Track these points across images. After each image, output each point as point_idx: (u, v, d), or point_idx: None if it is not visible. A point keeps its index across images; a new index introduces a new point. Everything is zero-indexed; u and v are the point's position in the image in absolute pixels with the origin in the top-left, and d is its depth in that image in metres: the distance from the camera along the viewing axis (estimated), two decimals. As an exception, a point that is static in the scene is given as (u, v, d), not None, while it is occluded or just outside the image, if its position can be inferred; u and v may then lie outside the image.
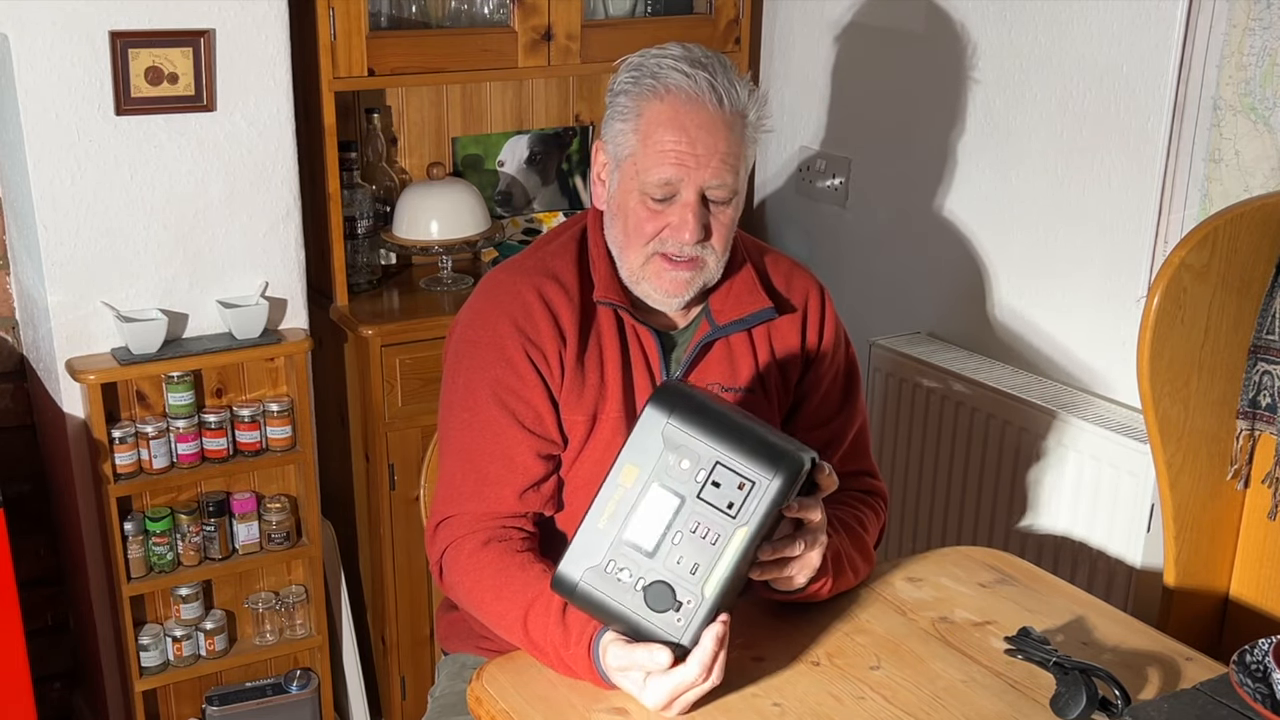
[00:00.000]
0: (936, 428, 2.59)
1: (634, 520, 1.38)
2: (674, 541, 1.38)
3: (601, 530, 1.39)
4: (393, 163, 2.85)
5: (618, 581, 1.38)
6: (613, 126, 1.62)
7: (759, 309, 1.68)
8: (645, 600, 1.38)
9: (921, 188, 2.75)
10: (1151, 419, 1.89)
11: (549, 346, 1.63)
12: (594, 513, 1.39)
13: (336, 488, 2.77)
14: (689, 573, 1.37)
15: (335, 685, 2.74)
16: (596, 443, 1.65)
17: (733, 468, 1.37)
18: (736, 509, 1.37)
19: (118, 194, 2.33)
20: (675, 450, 1.38)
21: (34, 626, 2.61)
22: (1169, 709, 1.36)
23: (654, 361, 1.67)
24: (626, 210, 1.61)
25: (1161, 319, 1.84)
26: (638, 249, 1.61)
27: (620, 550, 1.38)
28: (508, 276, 1.68)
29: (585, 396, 1.64)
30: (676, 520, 1.38)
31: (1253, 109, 2.12)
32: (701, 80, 1.55)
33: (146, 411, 2.43)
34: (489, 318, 1.65)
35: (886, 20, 2.77)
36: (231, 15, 2.33)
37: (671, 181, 1.57)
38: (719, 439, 1.37)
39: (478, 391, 1.64)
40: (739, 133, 1.59)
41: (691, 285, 1.63)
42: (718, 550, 1.37)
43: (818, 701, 1.43)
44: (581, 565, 1.39)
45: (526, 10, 2.61)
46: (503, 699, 1.45)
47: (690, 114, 1.55)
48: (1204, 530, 1.98)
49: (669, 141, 1.56)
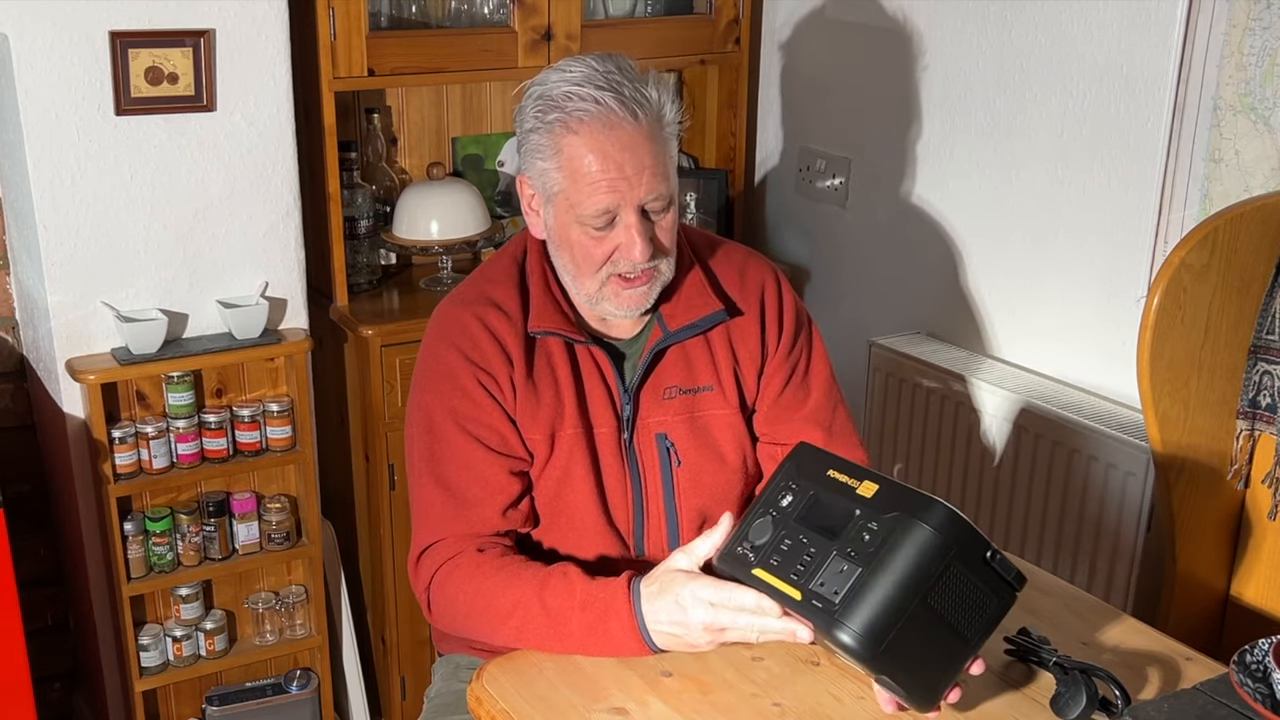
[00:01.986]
0: (936, 428, 2.59)
1: (826, 500, 1.39)
2: (801, 537, 1.38)
3: (824, 476, 1.41)
4: (393, 163, 2.85)
5: (781, 493, 1.43)
6: (534, 165, 1.59)
7: (710, 313, 1.68)
8: (755, 519, 1.42)
9: (921, 188, 2.75)
10: (1151, 419, 1.89)
11: (498, 370, 1.63)
12: (841, 465, 1.41)
13: (336, 488, 2.77)
14: (773, 557, 1.39)
15: (335, 685, 2.74)
16: (557, 459, 1.65)
17: (854, 584, 1.31)
18: (815, 591, 1.34)
19: (118, 194, 2.33)
20: (881, 526, 1.32)
21: (34, 626, 2.61)
22: (1169, 709, 1.36)
23: (609, 374, 1.67)
24: (570, 242, 1.60)
25: (1161, 319, 1.84)
26: (590, 275, 1.61)
27: (803, 494, 1.41)
28: (451, 307, 1.69)
29: (541, 415, 1.64)
30: (818, 537, 1.37)
31: (1253, 109, 2.12)
32: (610, 101, 1.52)
33: (146, 411, 2.43)
34: (438, 350, 1.67)
35: (886, 20, 2.77)
36: (231, 15, 2.33)
37: (609, 209, 1.55)
38: (885, 572, 1.30)
39: (442, 423, 1.64)
40: (659, 138, 1.56)
41: (650, 295, 1.64)
42: (785, 577, 1.37)
43: (818, 701, 1.43)
44: (803, 463, 1.44)
45: (526, 10, 2.61)
46: (503, 699, 1.45)
47: (609, 138, 1.53)
48: (1204, 530, 1.98)
49: (596, 172, 1.54)
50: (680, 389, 1.68)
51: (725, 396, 1.70)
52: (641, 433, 1.68)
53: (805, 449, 1.47)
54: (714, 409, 1.70)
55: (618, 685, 1.46)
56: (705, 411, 1.70)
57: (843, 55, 2.90)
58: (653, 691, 1.44)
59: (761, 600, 1.39)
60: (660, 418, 1.68)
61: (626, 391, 1.67)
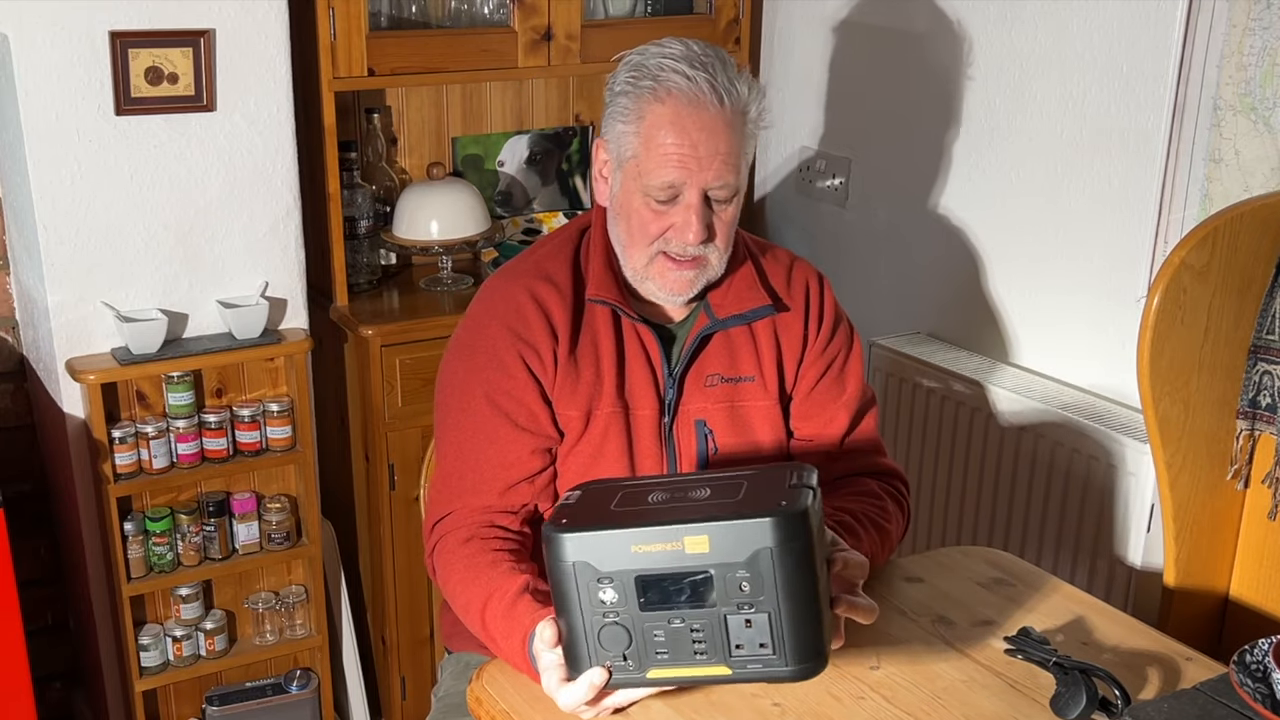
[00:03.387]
0: (936, 428, 2.59)
1: (661, 576, 1.31)
2: (669, 620, 1.32)
3: (630, 553, 1.31)
4: (393, 163, 2.85)
5: (598, 597, 1.32)
6: (614, 127, 1.62)
7: (758, 306, 1.69)
8: (600, 630, 1.33)
9: (921, 188, 2.75)
10: (1151, 419, 1.89)
11: (542, 344, 1.64)
12: (638, 533, 1.32)
13: (336, 488, 2.77)
14: (655, 649, 1.33)
15: (335, 685, 2.74)
16: (590, 438, 1.66)
17: (774, 628, 1.30)
18: (740, 654, 1.32)
19: (118, 194, 2.33)
20: (750, 571, 1.29)
21: (34, 626, 2.60)
22: (1169, 709, 1.36)
23: (654, 356, 1.68)
24: (630, 210, 1.63)
25: (1161, 319, 1.84)
26: (642, 248, 1.63)
27: (626, 581, 1.32)
28: (501, 281, 1.71)
29: (579, 392, 1.65)
30: (690, 610, 1.31)
31: (1253, 109, 2.12)
32: (702, 81, 1.56)
33: (146, 411, 2.43)
34: (482, 322, 1.68)
35: (886, 20, 2.77)
36: (231, 15, 2.33)
37: (674, 184, 1.58)
38: (790, 600, 1.30)
39: (472, 394, 1.66)
40: (739, 131, 1.59)
41: (695, 284, 1.65)
42: (693, 661, 1.33)
43: (818, 701, 1.43)
44: (585, 555, 1.32)
45: (526, 10, 2.61)
46: (503, 699, 1.45)
47: (691, 116, 1.56)
48: (1204, 530, 1.98)
49: (671, 144, 1.56)
50: (722, 377, 1.70)
51: (766, 388, 1.71)
52: (681, 418, 1.69)
53: (555, 539, 1.33)
54: (754, 400, 1.71)
55: (618, 685, 1.45)
56: (745, 401, 1.71)
57: (843, 55, 2.90)
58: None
59: (575, 692, 1.35)
60: (701, 404, 1.69)
61: (671, 376, 1.68)
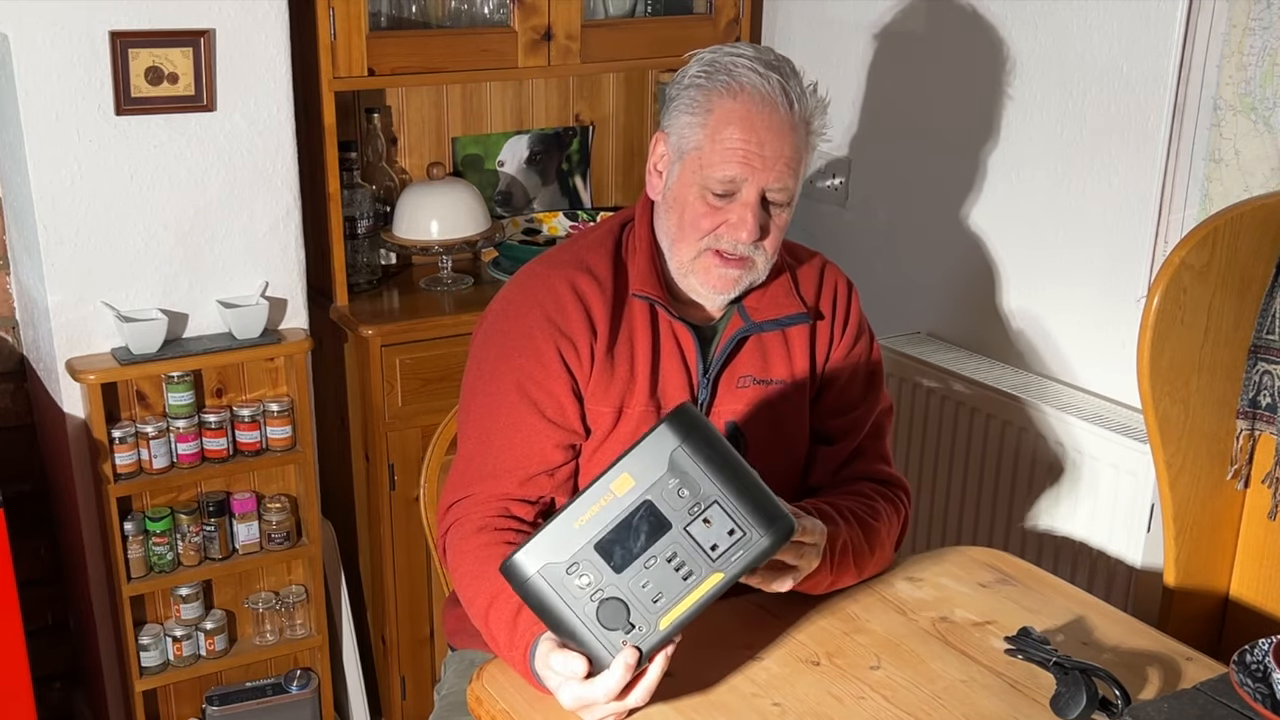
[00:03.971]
0: (936, 428, 2.59)
1: (613, 531, 1.35)
2: (645, 565, 1.35)
3: (576, 530, 1.35)
4: (393, 163, 2.85)
5: (575, 586, 1.35)
6: (679, 119, 1.62)
7: (793, 313, 1.70)
8: (597, 612, 1.35)
9: (921, 188, 2.75)
10: (1151, 419, 1.89)
11: (580, 338, 1.63)
12: (573, 511, 1.36)
13: (336, 488, 2.77)
14: (650, 599, 1.35)
15: (335, 685, 2.74)
16: (620, 434, 1.66)
17: (729, 512, 1.35)
18: (719, 554, 1.35)
19: (118, 194, 2.33)
20: (678, 476, 1.34)
21: (34, 626, 2.60)
22: (1169, 709, 1.36)
23: (690, 355, 1.68)
24: (684, 204, 1.62)
25: (1161, 319, 1.84)
26: (691, 243, 1.62)
27: (588, 556, 1.35)
28: (542, 268, 1.70)
29: (613, 388, 1.65)
30: (656, 545, 1.35)
31: (1253, 109, 2.12)
32: (775, 83, 1.57)
33: (146, 411, 2.43)
34: (520, 308, 1.67)
35: (886, 20, 2.77)
36: (231, 15, 2.33)
37: (735, 180, 1.58)
38: (725, 480, 1.35)
39: (502, 379, 1.64)
40: (803, 138, 1.60)
41: (739, 284, 1.64)
42: (687, 587, 1.35)
43: (818, 701, 1.43)
44: (542, 559, 1.35)
45: (526, 10, 2.61)
46: (503, 699, 1.45)
47: (761, 115, 1.57)
48: (1204, 530, 1.98)
49: (738, 139, 1.57)
50: (754, 379, 1.70)
51: (797, 391, 1.72)
52: (714, 419, 1.68)
53: (508, 566, 1.36)
54: (784, 402, 1.71)
55: (618, 685, 1.45)
56: (775, 404, 1.71)
57: (843, 55, 2.90)
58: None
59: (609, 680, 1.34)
60: (733, 406, 1.69)
61: (706, 376, 1.68)
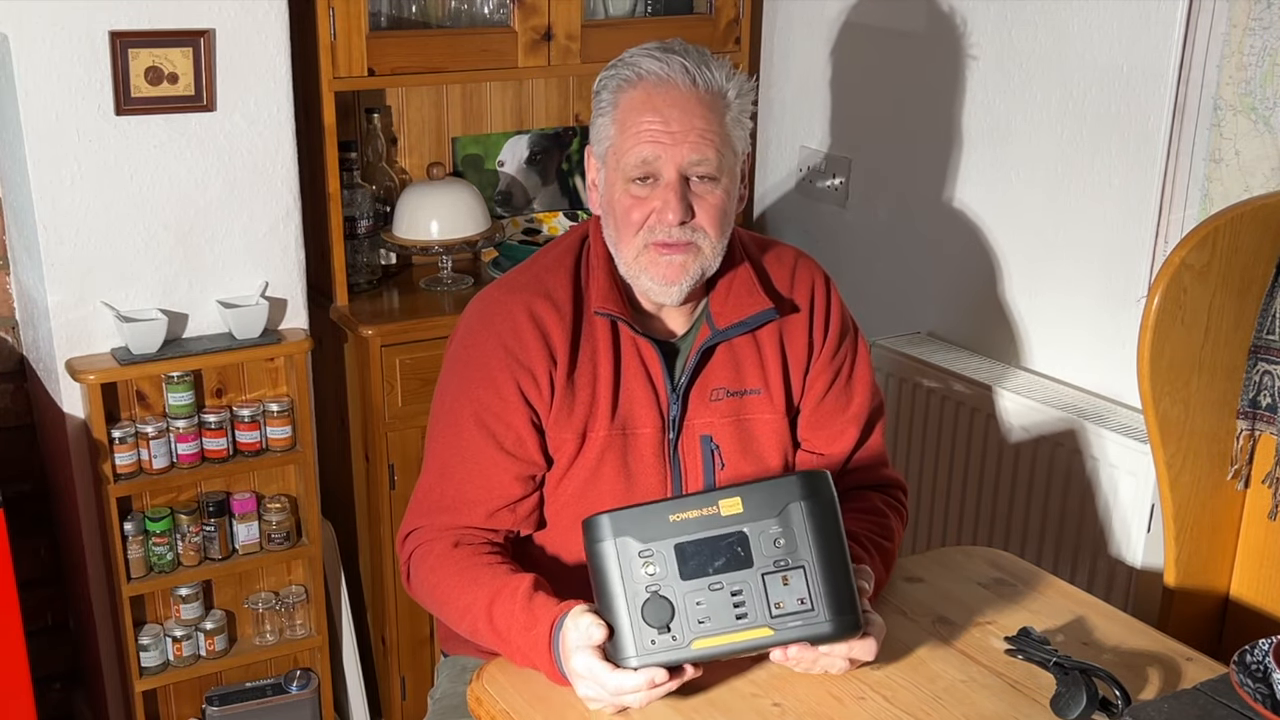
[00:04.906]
0: (936, 428, 2.59)
1: (699, 541, 1.37)
2: (710, 587, 1.37)
3: (667, 523, 1.38)
4: (393, 163, 2.85)
5: (640, 570, 1.37)
6: (594, 124, 1.64)
7: (759, 310, 1.66)
8: (645, 604, 1.37)
9: (921, 188, 2.75)
10: (1151, 419, 1.89)
11: (539, 368, 1.61)
12: (674, 504, 1.39)
13: (336, 488, 2.77)
14: (698, 619, 1.36)
15: (335, 685, 2.74)
16: (584, 460, 1.64)
17: (810, 582, 1.37)
18: (780, 613, 1.37)
19: (118, 194, 2.33)
20: (783, 527, 1.38)
21: (34, 626, 2.61)
22: (1169, 709, 1.36)
23: (655, 371, 1.65)
24: (614, 203, 1.61)
25: (1161, 319, 1.84)
26: (629, 240, 1.60)
27: (666, 550, 1.37)
28: (501, 294, 1.67)
29: (575, 414, 1.63)
30: (729, 574, 1.37)
31: (1253, 109, 2.12)
32: (674, 63, 1.57)
33: (146, 411, 2.43)
34: (479, 337, 1.65)
35: (886, 20, 2.77)
36: (231, 15, 2.33)
37: (649, 160, 1.57)
38: (821, 554, 1.38)
39: (461, 411, 1.64)
40: (718, 111, 1.58)
41: (687, 270, 1.60)
42: (736, 626, 1.37)
43: (818, 701, 1.43)
44: (624, 531, 1.38)
45: (526, 10, 2.61)
46: (503, 699, 1.45)
47: (662, 94, 1.56)
48: (1204, 530, 1.98)
49: (644, 123, 1.56)
50: (727, 391, 1.67)
51: (772, 401, 1.69)
52: (687, 434, 1.66)
53: (592, 521, 1.40)
54: (760, 413, 1.68)
55: (618, 685, 1.45)
56: (751, 415, 1.68)
57: (843, 55, 2.90)
58: (653, 691, 1.44)
59: (626, 681, 1.36)
60: (706, 419, 1.66)
61: (675, 392, 1.65)
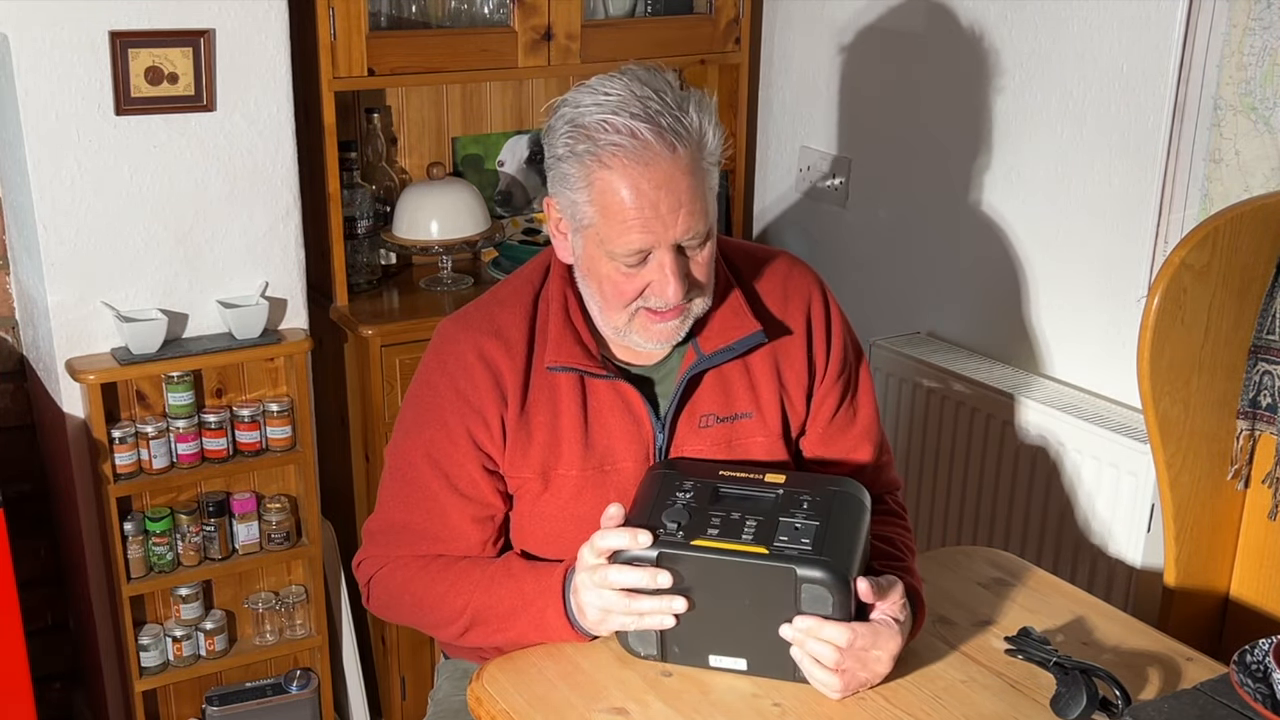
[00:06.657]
0: (936, 428, 2.59)
1: (737, 491, 1.48)
2: (729, 513, 1.44)
3: (717, 474, 1.50)
4: (393, 163, 2.85)
5: (674, 491, 1.47)
6: (564, 194, 1.50)
7: (746, 334, 1.58)
8: (665, 510, 1.45)
9: (921, 188, 2.75)
10: (1151, 419, 1.89)
11: (489, 410, 1.56)
12: (729, 465, 1.54)
13: (336, 488, 2.77)
14: (707, 529, 1.43)
15: (335, 685, 2.74)
16: (557, 495, 1.59)
17: (818, 538, 1.41)
18: (780, 545, 1.41)
19: (118, 194, 2.33)
20: (817, 495, 1.47)
21: (34, 626, 2.60)
22: (1169, 709, 1.36)
23: (635, 405, 1.59)
24: (600, 276, 1.52)
25: (1161, 319, 1.84)
26: (619, 310, 1.52)
27: (706, 488, 1.47)
28: (456, 330, 1.61)
29: (532, 453, 1.57)
30: (749, 505, 1.46)
31: (1253, 109, 2.12)
32: (647, 133, 1.42)
33: (146, 411, 2.43)
34: (432, 377, 1.61)
35: (886, 20, 2.77)
36: (231, 15, 2.33)
37: (643, 249, 1.47)
38: (840, 521, 1.45)
39: (414, 451, 1.61)
40: (699, 172, 1.46)
41: (682, 329, 1.55)
42: (735, 540, 1.41)
43: (818, 701, 1.43)
44: (679, 467, 1.53)
45: (526, 10, 2.61)
46: (503, 699, 1.45)
47: (644, 174, 1.43)
48: (1204, 530, 1.98)
49: (630, 210, 1.44)
50: (717, 417, 1.60)
51: (765, 424, 1.62)
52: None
53: (671, 466, 1.55)
54: (752, 436, 1.62)
55: (618, 685, 1.46)
56: (743, 440, 1.62)
57: (843, 55, 2.90)
58: (653, 691, 1.45)
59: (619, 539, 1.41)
60: (696, 447, 1.60)
61: (660, 420, 1.59)
